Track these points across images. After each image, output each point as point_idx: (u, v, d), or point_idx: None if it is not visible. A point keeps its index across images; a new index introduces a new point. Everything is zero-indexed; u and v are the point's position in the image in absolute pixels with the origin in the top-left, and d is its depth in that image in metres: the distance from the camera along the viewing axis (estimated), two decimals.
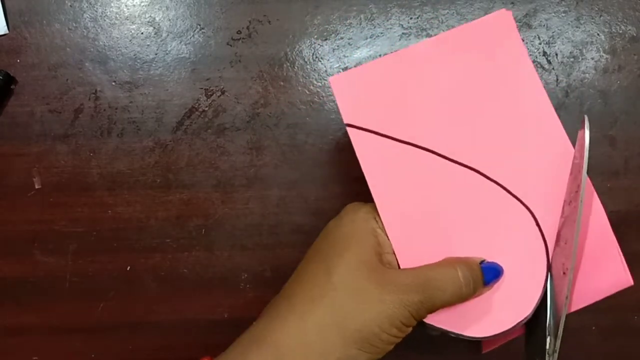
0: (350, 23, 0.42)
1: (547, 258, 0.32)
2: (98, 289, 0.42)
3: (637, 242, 0.41)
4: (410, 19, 0.42)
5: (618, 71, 0.42)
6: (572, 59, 0.42)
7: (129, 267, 0.42)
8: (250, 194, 0.42)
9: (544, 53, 0.42)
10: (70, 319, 0.42)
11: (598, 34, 0.42)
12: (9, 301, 0.42)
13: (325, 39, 0.42)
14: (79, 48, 0.43)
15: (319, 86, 0.42)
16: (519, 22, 0.42)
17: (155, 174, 0.42)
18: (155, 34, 0.43)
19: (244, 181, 0.42)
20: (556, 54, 0.42)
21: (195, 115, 0.42)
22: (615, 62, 0.42)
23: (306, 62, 0.42)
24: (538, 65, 0.42)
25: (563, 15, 0.42)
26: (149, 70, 0.42)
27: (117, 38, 0.43)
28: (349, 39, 0.42)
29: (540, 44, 0.42)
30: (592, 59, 0.42)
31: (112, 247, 0.42)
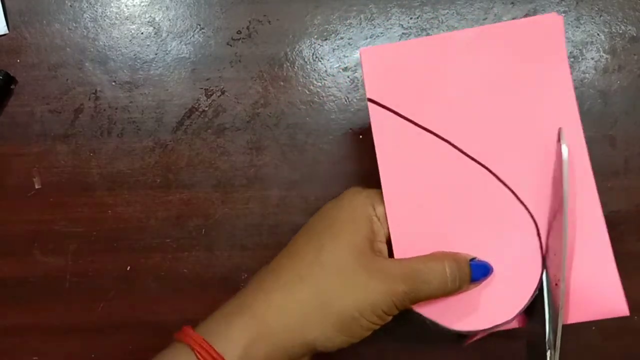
0: (350, 23, 0.42)
1: (542, 268, 0.32)
2: (98, 289, 0.42)
3: (637, 242, 0.41)
4: (410, 19, 0.42)
5: (618, 71, 0.42)
6: (572, 59, 0.42)
7: (129, 267, 0.42)
8: (250, 194, 0.42)
9: None
10: (70, 319, 0.42)
11: (598, 34, 0.42)
12: (9, 301, 0.42)
13: (325, 39, 0.42)
14: (79, 48, 0.43)
15: (319, 86, 0.42)
16: None
17: (155, 174, 0.42)
18: (155, 34, 0.43)
19: (244, 181, 0.42)
20: None
21: (195, 115, 0.42)
22: (615, 62, 0.42)
23: (306, 62, 0.42)
24: None
25: (563, 15, 0.42)
26: (149, 70, 0.42)
27: (117, 38, 0.43)
28: (349, 39, 0.42)
29: None
30: (592, 59, 0.42)
31: (112, 247, 0.42)
